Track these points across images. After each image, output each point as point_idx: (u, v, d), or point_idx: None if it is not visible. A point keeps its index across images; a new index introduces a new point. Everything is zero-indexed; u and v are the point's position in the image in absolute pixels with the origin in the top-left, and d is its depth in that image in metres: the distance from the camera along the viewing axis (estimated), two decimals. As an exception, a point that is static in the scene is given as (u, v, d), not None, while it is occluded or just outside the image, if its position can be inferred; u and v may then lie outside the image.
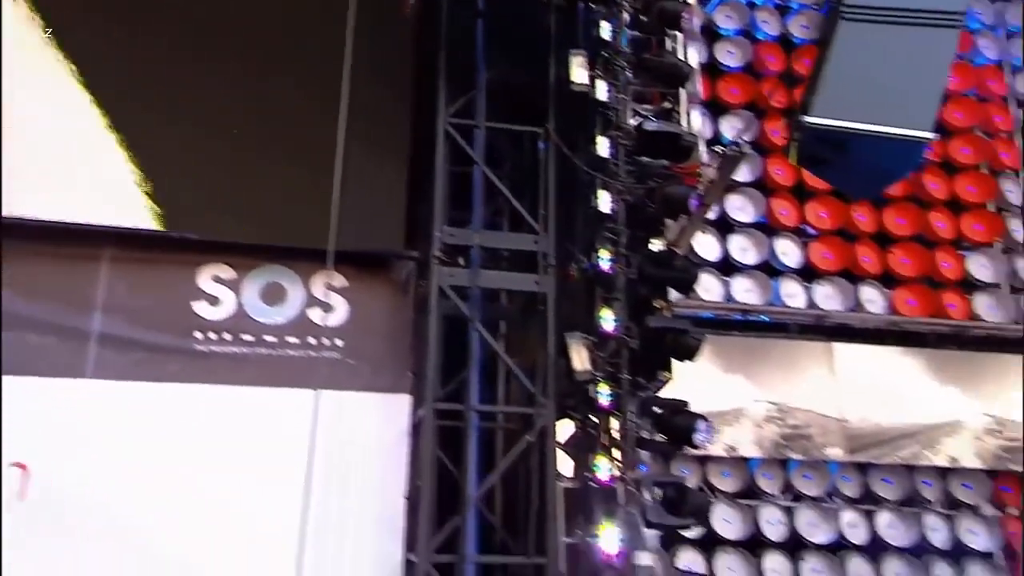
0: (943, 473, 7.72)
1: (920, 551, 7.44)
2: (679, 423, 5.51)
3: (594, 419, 5.78)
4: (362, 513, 5.67)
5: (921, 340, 8.01)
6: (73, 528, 5.22)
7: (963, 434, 7.73)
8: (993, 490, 7.73)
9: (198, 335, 5.98)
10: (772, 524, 7.42)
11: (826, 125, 4.63)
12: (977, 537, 7.53)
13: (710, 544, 7.26)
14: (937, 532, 7.52)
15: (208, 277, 6.15)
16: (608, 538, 5.18)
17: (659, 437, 5.59)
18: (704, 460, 7.52)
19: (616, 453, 5.58)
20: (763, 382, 7.68)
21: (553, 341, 5.93)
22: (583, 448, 5.86)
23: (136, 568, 5.31)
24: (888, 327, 8.00)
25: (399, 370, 6.09)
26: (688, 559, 7.12)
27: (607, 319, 5.74)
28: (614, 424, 5.67)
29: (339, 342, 6.14)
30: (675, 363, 5.94)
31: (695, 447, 5.57)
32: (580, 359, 5.63)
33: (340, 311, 6.23)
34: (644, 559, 5.41)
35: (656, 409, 5.70)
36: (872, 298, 8.10)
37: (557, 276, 6.19)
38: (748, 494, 7.53)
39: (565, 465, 6.04)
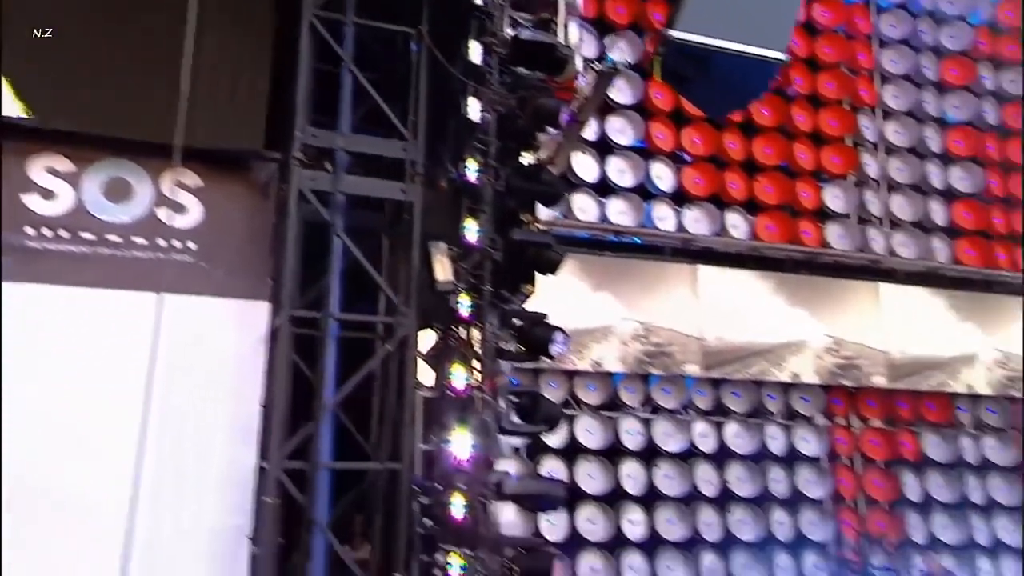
0: (785, 388, 8.38)
1: (759, 458, 8.11)
2: (537, 334, 5.60)
3: (456, 330, 5.80)
4: (213, 420, 5.50)
5: (778, 265, 8.52)
6: None
7: (806, 352, 8.37)
8: (826, 403, 8.49)
9: (30, 231, 5.49)
10: (631, 434, 7.85)
11: (688, 40, 4.65)
12: (808, 444, 8.29)
13: (573, 453, 7.62)
14: (776, 440, 8.22)
15: (41, 168, 5.61)
16: (460, 444, 5.28)
17: (517, 347, 5.68)
18: (572, 375, 7.81)
19: (476, 363, 5.65)
20: (631, 301, 7.96)
21: (418, 251, 5.84)
22: (444, 358, 5.89)
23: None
24: (749, 252, 8.42)
25: (258, 276, 5.82)
26: (551, 466, 7.46)
27: (471, 230, 5.70)
28: (475, 335, 5.71)
29: (192, 244, 5.80)
30: (548, 282, 5.99)
31: (551, 357, 5.70)
32: (443, 269, 5.60)
33: (194, 212, 5.85)
34: (501, 465, 5.58)
35: (516, 321, 5.77)
36: (736, 223, 8.48)
37: (426, 185, 6.05)
38: (611, 406, 7.91)
39: (427, 375, 6.08)
